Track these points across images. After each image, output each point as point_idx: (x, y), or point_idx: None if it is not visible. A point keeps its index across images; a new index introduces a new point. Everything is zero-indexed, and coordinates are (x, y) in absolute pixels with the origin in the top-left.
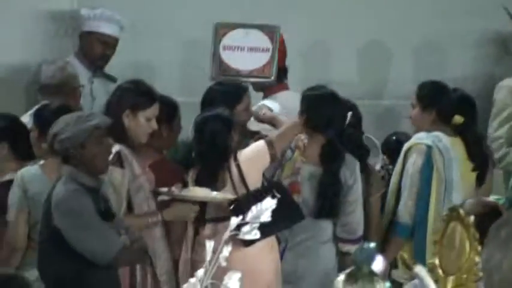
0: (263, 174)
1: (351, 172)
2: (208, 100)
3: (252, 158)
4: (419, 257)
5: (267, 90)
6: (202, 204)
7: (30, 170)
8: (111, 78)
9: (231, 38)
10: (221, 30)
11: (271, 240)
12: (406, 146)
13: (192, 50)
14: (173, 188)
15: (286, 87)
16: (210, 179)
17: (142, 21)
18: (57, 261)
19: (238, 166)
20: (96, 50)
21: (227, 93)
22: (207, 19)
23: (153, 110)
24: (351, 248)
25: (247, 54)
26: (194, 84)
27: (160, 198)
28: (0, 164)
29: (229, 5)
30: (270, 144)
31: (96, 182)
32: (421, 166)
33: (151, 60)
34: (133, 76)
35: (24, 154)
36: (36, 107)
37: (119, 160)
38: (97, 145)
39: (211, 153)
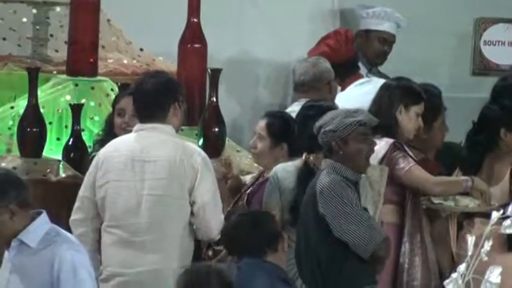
0: None
1: None
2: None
3: None
4: None
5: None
6: None
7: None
8: (386, 77)
9: (492, 33)
10: (482, 25)
11: None
12: None
13: (453, 45)
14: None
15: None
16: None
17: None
18: (321, 248)
19: None
20: (375, 47)
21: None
22: (468, 15)
23: (421, 107)
24: None
25: (508, 49)
26: (458, 79)
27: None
28: (277, 161)
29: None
30: None
31: (357, 176)
32: None
33: (422, 57)
34: (405, 73)
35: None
36: (296, 103)
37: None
38: (360, 142)
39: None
